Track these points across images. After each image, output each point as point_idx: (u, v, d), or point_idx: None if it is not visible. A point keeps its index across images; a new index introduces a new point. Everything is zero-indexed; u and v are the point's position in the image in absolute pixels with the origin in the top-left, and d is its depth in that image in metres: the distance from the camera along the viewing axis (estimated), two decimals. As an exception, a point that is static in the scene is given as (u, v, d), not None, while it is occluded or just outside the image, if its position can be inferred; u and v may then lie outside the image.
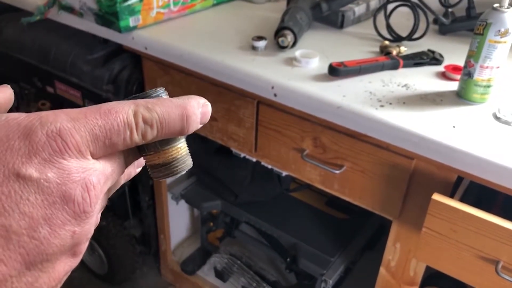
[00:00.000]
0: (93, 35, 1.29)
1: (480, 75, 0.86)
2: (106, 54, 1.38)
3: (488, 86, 0.88)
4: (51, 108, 1.66)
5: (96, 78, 1.36)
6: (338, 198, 1.05)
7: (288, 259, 1.38)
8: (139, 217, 1.67)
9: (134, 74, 1.30)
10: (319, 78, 0.98)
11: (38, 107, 1.70)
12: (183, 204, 1.56)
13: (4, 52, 1.55)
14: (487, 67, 0.85)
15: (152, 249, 1.66)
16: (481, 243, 0.75)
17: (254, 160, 1.19)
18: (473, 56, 0.86)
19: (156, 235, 1.62)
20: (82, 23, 1.25)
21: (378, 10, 1.17)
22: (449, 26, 1.19)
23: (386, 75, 1.00)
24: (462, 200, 0.80)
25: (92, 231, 0.26)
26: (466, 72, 0.88)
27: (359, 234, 1.40)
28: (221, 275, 1.55)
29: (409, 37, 1.13)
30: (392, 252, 1.01)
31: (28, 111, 1.82)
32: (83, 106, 1.40)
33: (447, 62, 1.04)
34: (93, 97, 1.37)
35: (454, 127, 0.83)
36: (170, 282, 1.69)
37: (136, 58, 1.28)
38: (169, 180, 1.50)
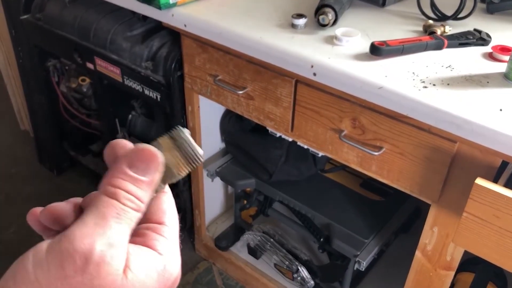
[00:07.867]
0: (132, 12, 1.30)
1: (531, 57, 0.83)
2: (146, 31, 1.40)
3: (539, 68, 0.84)
4: (91, 84, 1.70)
5: (135, 55, 1.37)
6: (373, 180, 1.04)
7: (322, 239, 1.38)
8: (175, 192, 1.70)
9: (173, 51, 1.31)
10: (360, 57, 0.96)
11: (79, 82, 1.74)
12: (218, 181, 1.58)
13: (46, 28, 1.58)
14: (539, 48, 0.81)
15: (187, 224, 1.70)
16: (525, 230, 0.73)
17: (290, 139, 1.19)
18: (524, 36, 0.82)
19: (191, 210, 1.65)
20: (122, 0, 1.26)
21: (422, -13, 1.13)
22: (497, 5, 1.14)
23: (429, 55, 0.97)
24: (507, 185, 0.78)
25: None
26: (516, 53, 0.85)
27: (394, 217, 1.38)
28: (254, 252, 1.57)
29: (455, 16, 1.09)
30: (429, 236, 1.00)
31: (68, 86, 1.86)
32: (122, 83, 1.42)
33: (494, 42, 1.00)
34: (132, 74, 1.39)
35: (501, 110, 0.80)
36: (204, 257, 1.73)
37: (175, 35, 1.29)
38: (205, 157, 1.52)
